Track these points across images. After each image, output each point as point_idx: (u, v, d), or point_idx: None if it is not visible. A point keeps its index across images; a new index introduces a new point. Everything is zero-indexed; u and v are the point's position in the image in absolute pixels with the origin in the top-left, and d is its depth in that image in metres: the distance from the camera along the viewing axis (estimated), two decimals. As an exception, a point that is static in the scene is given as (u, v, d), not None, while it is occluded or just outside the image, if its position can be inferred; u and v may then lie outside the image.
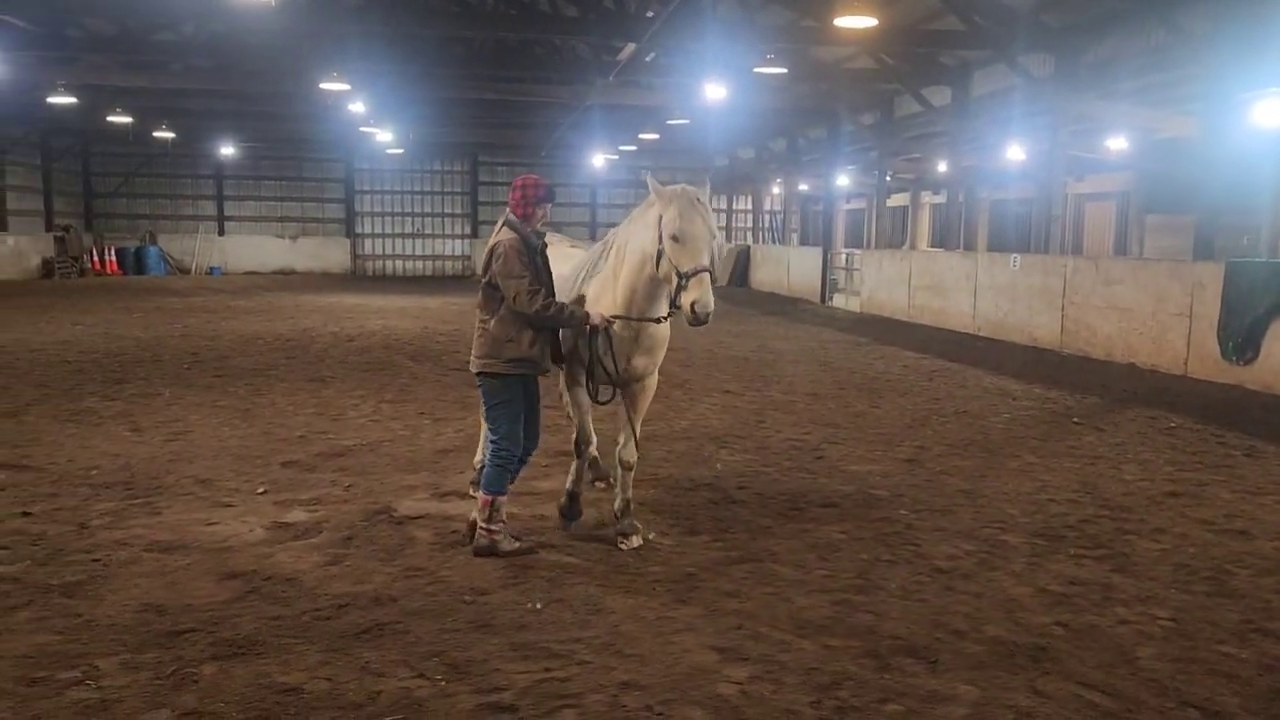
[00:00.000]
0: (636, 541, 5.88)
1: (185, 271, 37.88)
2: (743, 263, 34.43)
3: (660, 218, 5.43)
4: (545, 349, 5.71)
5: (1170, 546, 6.10)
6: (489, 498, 5.62)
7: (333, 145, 37.66)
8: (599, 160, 37.96)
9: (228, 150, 37.06)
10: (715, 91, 19.47)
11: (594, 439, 6.37)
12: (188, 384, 11.71)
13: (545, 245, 5.86)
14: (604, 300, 5.82)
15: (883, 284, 23.18)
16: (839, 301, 26.61)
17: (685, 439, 9.12)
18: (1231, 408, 10.90)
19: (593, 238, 42.49)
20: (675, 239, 5.35)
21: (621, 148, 35.72)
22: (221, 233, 39.41)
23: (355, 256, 40.57)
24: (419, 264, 41.16)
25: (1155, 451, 8.82)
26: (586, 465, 6.40)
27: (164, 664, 4.23)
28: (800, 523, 6.48)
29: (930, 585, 5.37)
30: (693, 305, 5.25)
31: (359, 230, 40.70)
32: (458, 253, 41.54)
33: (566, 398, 6.31)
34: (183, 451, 8.19)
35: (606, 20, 19.50)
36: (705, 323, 5.32)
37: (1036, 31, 17.15)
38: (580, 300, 5.94)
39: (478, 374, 5.71)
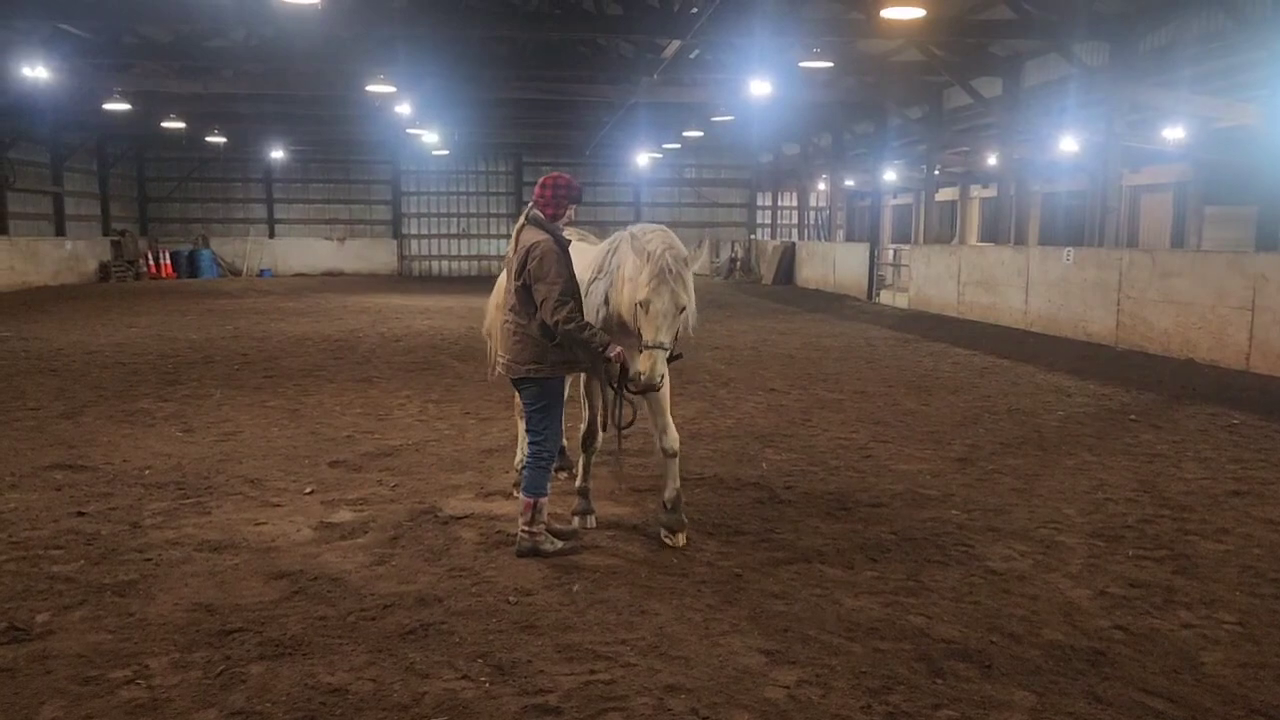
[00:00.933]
0: (682, 540, 5.83)
1: (237, 274, 38.52)
2: (788, 259, 34.19)
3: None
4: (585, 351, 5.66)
5: (1235, 548, 5.90)
6: (530, 500, 5.60)
7: (379, 147, 38.08)
8: (643, 159, 37.94)
9: (277, 154, 37.62)
10: (760, 87, 19.33)
11: (600, 435, 6.31)
12: (238, 385, 11.86)
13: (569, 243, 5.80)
14: (607, 308, 5.85)
15: (931, 279, 22.86)
16: (886, 298, 26.31)
17: (731, 438, 9.04)
18: (1297, 403, 10.56)
19: (637, 236, 42.60)
20: (640, 305, 5.35)
21: (665, 146, 35.65)
22: (271, 235, 40.03)
23: (402, 257, 40.98)
24: (464, 264, 41.46)
25: (1217, 449, 8.57)
26: (585, 461, 6.33)
27: (213, 663, 4.25)
28: (848, 523, 6.37)
29: (984, 587, 5.24)
30: (639, 375, 5.31)
31: (405, 231, 41.11)
32: (503, 252, 41.66)
33: (583, 390, 6.31)
34: (233, 452, 8.28)
35: (650, 17, 19.42)
36: (643, 393, 5.46)
37: (1090, 19, 16.78)
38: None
39: (519, 379, 5.63)
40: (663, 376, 5.38)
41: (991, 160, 26.57)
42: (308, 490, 7.02)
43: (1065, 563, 5.63)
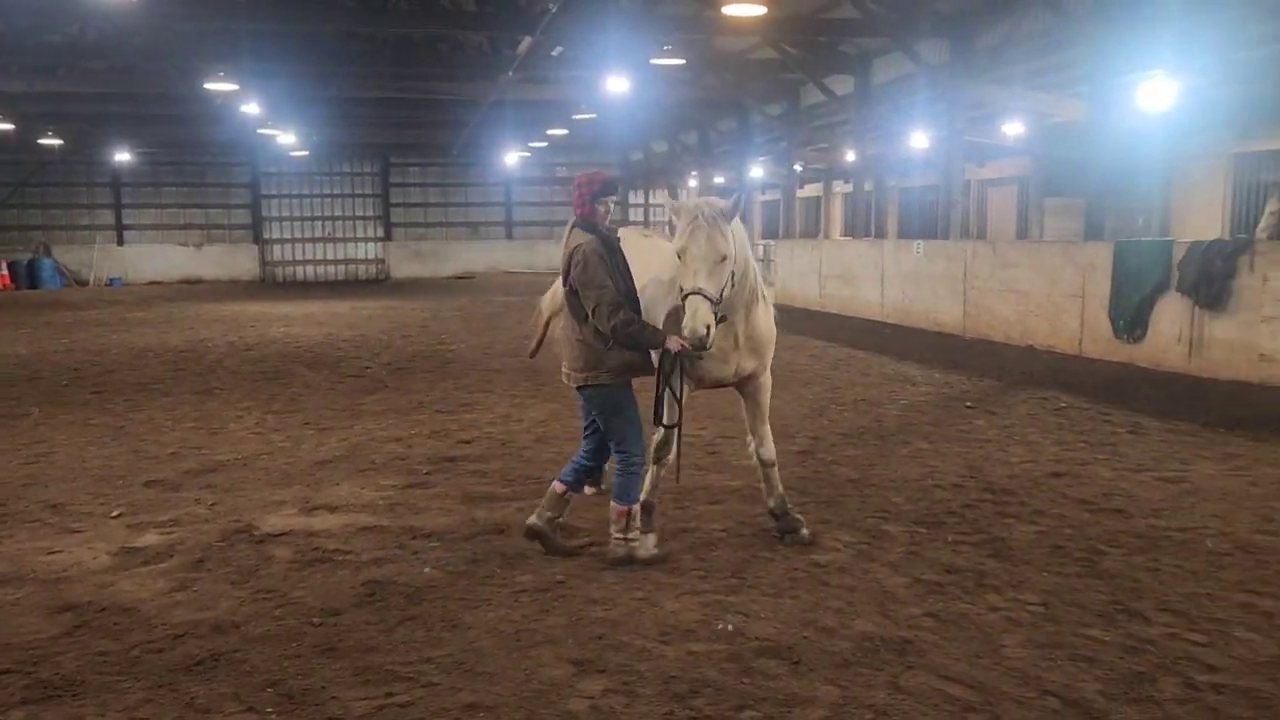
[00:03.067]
0: (806, 534, 5.81)
1: (83, 283, 36.51)
2: (659, 257, 34.29)
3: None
4: (647, 354, 5.51)
5: (1047, 529, 6.08)
6: (623, 508, 5.44)
7: (235, 148, 36.60)
8: (512, 158, 37.59)
9: (124, 156, 35.78)
10: (617, 85, 19.29)
11: (674, 448, 5.77)
12: (62, 402, 11.13)
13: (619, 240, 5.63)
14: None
15: (795, 274, 23.27)
16: (753, 293, 26.61)
17: (578, 440, 8.81)
18: (1120, 385, 11.08)
19: (509, 236, 42.22)
20: (679, 255, 5.21)
21: (532, 144, 35.39)
22: (121, 242, 38.07)
23: (264, 263, 39.55)
24: (332, 268, 40.31)
25: (1043, 432, 8.88)
26: (658, 474, 5.83)
27: (-32, 712, 3.89)
28: (682, 521, 6.32)
29: (805, 581, 5.25)
30: (683, 329, 5.05)
31: (267, 235, 39.68)
32: (371, 256, 40.77)
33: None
34: (40, 474, 7.72)
35: (503, 14, 19.19)
36: (701, 349, 5.09)
37: (931, 18, 17.32)
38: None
39: (580, 388, 5.50)
40: (709, 331, 4.99)
41: (850, 156, 27.24)
42: (115, 513, 6.58)
43: (886, 552, 5.69)
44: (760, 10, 13.93)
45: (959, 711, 3.84)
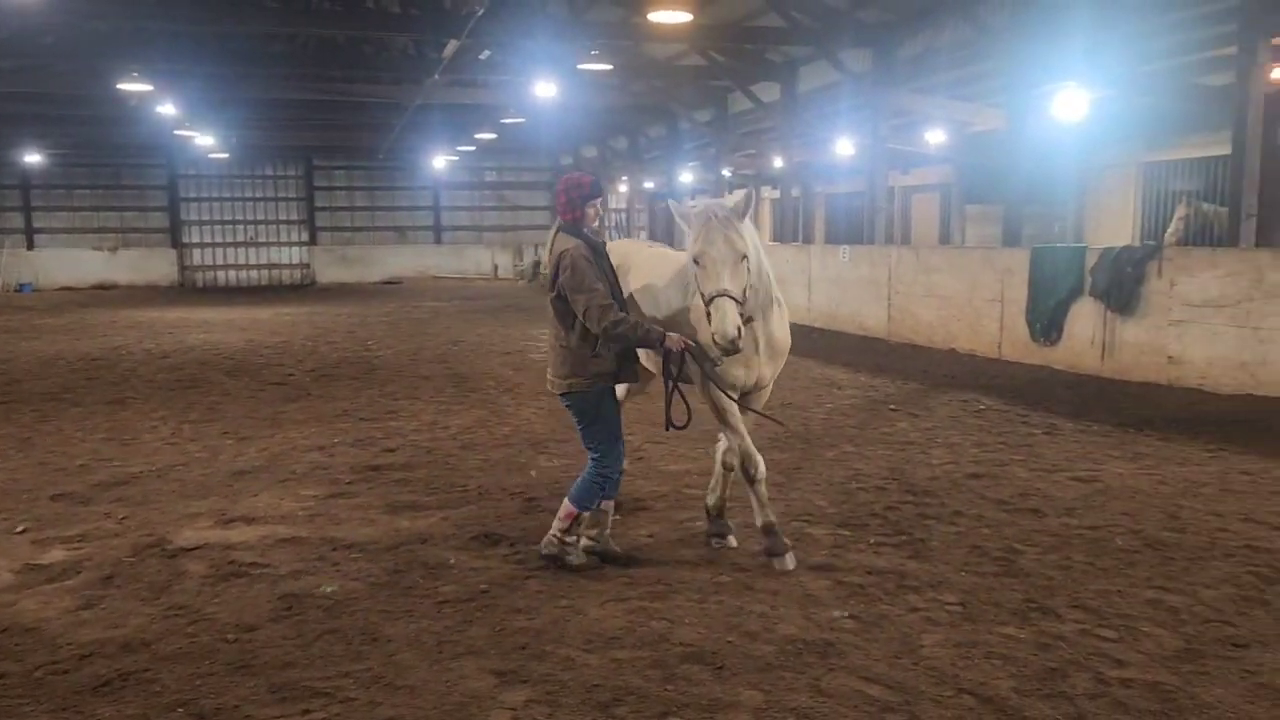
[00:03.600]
0: (791, 563, 5.46)
1: (-9, 289, 35.10)
2: (589, 262, 34.24)
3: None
4: (632, 362, 5.52)
5: (966, 529, 6.21)
6: (574, 510, 5.41)
7: (152, 150, 35.54)
8: (440, 161, 37.18)
9: (34, 158, 34.52)
10: (545, 89, 19.22)
11: (760, 458, 5.63)
12: (-35, 413, 10.69)
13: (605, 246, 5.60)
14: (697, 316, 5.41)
15: (723, 279, 23.36)
16: (683, 298, 26.73)
17: (505, 446, 8.85)
18: (1037, 387, 11.37)
19: (437, 241, 41.76)
20: (696, 262, 5.10)
21: (461, 148, 35.06)
22: (31, 246, 36.68)
23: (183, 268, 38.45)
24: (254, 274, 39.34)
25: (964, 434, 9.07)
26: (761, 491, 5.64)
27: None
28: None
29: (729, 586, 5.27)
30: (713, 335, 4.97)
31: (186, 239, 38.58)
32: (295, 260, 39.90)
33: (721, 413, 5.66)
34: (-61, 490, 7.40)
35: (429, 17, 19.02)
36: (731, 352, 5.01)
37: (854, 27, 17.58)
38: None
39: (561, 395, 5.41)
40: (740, 332, 4.90)
41: (778, 163, 27.53)
42: (19, 529, 6.34)
43: (810, 554, 5.74)
44: (687, 17, 14.01)
45: (878, 712, 3.89)
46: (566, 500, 5.48)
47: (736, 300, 5.00)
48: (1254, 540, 5.89)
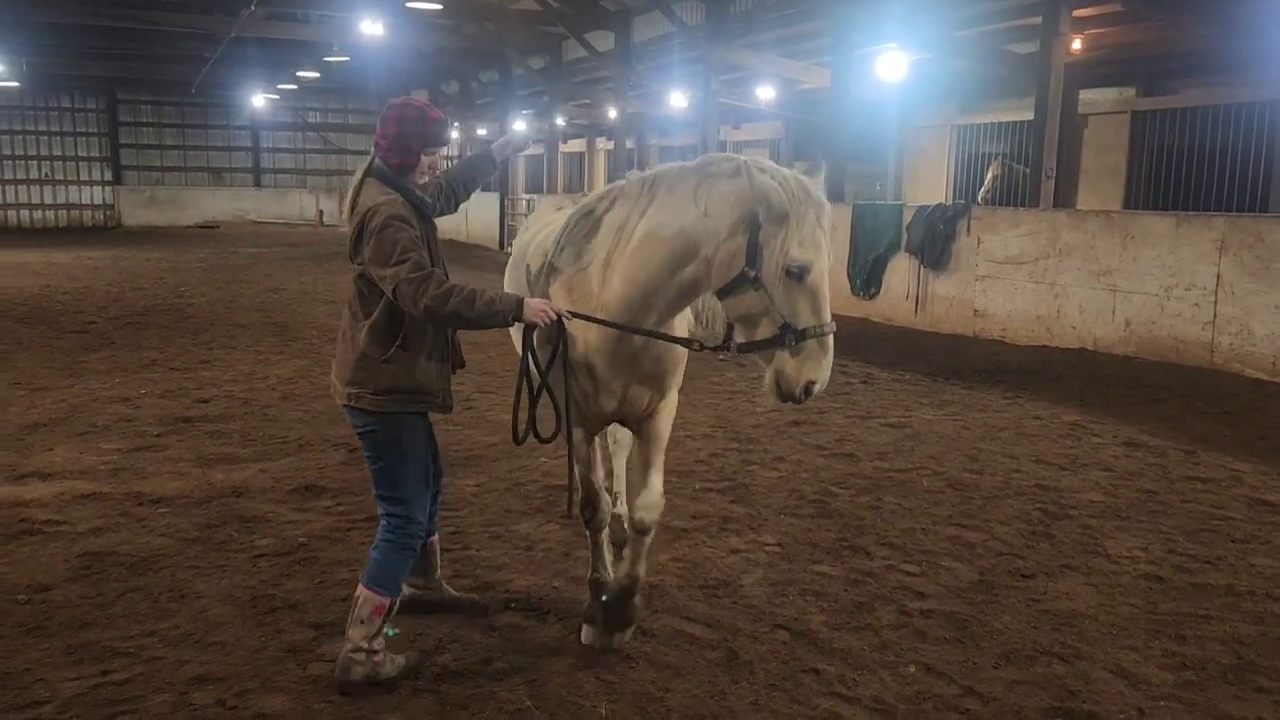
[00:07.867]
0: (621, 639, 4.01)
1: None
2: (420, 209, 33.40)
3: (754, 223, 3.36)
4: (446, 373, 3.88)
5: (786, 474, 6.45)
6: (383, 601, 3.67)
7: (-73, 75, 32.15)
8: (259, 100, 35.23)
9: None
10: (371, 27, 18.47)
11: (605, 496, 4.20)
12: None
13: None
14: (576, 296, 3.78)
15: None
16: (517, 248, 26.46)
17: (328, 396, 8.44)
18: (857, 339, 11.87)
19: (257, 184, 39.69)
20: (792, 273, 3.33)
21: (281, 86, 33.33)
22: None
23: (-32, 206, 35.19)
24: (51, 214, 36.40)
25: (787, 383, 9.38)
26: (607, 534, 4.23)
27: None
28: (435, 478, 6.20)
29: (556, 533, 5.30)
30: (807, 384, 3.40)
31: (-30, 175, 35.28)
32: (98, 201, 37.12)
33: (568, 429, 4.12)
34: None
35: (245, -57, 17.84)
36: (802, 402, 3.57)
37: (687, -22, 17.67)
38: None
39: (344, 407, 3.78)
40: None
41: (613, 114, 27.49)
42: None
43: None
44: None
45: (697, 649, 4.01)
46: (363, 587, 3.68)
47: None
48: (1042, 480, 6.38)
